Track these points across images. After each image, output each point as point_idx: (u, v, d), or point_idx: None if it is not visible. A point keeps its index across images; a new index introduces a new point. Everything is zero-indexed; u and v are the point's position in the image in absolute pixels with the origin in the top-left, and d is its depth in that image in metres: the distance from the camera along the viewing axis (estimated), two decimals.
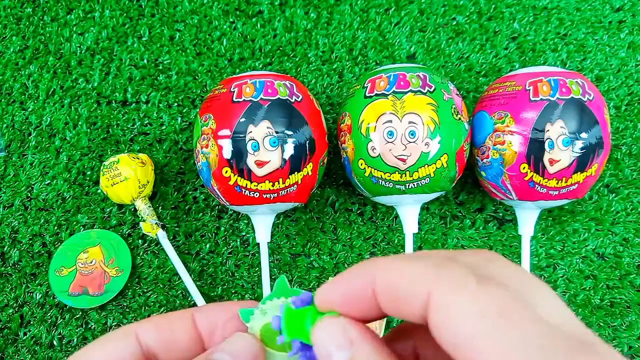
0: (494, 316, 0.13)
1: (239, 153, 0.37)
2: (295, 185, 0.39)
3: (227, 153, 0.38)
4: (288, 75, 0.42)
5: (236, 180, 0.38)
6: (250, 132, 0.37)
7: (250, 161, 0.37)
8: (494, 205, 0.47)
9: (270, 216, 0.42)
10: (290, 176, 0.38)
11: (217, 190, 0.40)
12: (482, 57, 0.50)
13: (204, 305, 0.19)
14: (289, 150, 0.38)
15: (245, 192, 0.39)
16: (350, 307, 0.17)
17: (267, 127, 0.37)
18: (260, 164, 0.38)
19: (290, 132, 0.38)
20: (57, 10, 0.51)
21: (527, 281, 0.15)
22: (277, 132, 0.37)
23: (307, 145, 0.39)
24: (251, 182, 0.38)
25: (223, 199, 0.40)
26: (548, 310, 0.13)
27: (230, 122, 0.38)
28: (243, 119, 0.37)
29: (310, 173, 0.40)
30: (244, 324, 0.19)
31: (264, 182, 0.38)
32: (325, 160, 0.42)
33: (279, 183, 0.38)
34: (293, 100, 0.39)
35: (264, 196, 0.39)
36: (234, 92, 0.39)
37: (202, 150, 0.39)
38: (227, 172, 0.38)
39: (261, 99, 0.38)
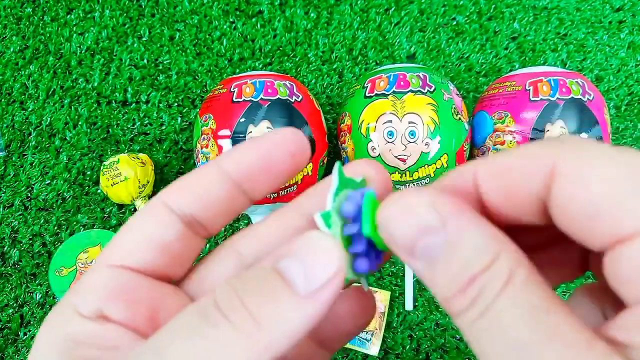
0: None
1: None
2: (295, 185, 0.39)
3: None
4: (288, 75, 0.42)
5: None
6: (250, 132, 0.37)
7: None
8: None
9: None
10: None
11: None
12: (482, 57, 0.50)
13: (228, 151, 0.16)
14: None
15: None
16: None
17: (267, 127, 0.37)
18: None
19: None
20: (57, 10, 0.51)
21: None
22: None
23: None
24: None
25: None
26: None
27: (230, 122, 0.38)
28: (243, 119, 0.37)
29: (310, 173, 0.40)
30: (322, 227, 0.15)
31: None
32: (325, 160, 0.42)
33: None
34: (293, 100, 0.39)
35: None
36: (234, 92, 0.39)
37: (202, 150, 0.39)
38: None
39: (261, 99, 0.38)
